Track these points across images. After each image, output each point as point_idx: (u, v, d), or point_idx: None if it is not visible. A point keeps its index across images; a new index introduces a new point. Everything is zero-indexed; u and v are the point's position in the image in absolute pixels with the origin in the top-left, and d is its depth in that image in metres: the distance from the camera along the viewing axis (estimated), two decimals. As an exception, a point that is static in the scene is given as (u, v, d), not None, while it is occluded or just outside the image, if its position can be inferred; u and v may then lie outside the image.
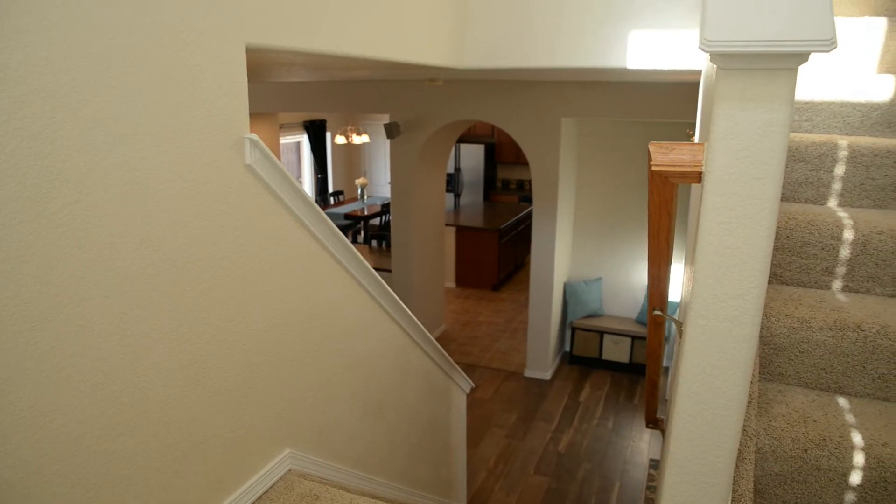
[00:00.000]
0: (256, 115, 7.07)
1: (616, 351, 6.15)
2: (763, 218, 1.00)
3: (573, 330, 6.27)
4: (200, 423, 1.59)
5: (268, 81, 5.69)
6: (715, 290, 1.05)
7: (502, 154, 11.18)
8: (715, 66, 0.99)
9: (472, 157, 10.90)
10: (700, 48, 0.93)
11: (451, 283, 8.59)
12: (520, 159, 10.85)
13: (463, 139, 10.94)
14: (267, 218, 1.75)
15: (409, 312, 2.65)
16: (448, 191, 10.86)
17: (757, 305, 1.04)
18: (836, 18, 2.25)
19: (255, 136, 1.64)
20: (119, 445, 1.36)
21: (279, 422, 1.91)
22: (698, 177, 1.05)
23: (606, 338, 6.16)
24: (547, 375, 6.02)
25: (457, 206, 10.70)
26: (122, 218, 1.29)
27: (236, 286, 1.65)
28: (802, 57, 0.93)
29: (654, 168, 1.04)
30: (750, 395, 1.42)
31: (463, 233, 8.44)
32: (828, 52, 0.88)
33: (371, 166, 12.61)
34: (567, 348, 6.57)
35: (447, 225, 8.33)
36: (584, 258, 6.34)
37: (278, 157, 9.49)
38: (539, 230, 5.61)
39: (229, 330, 1.64)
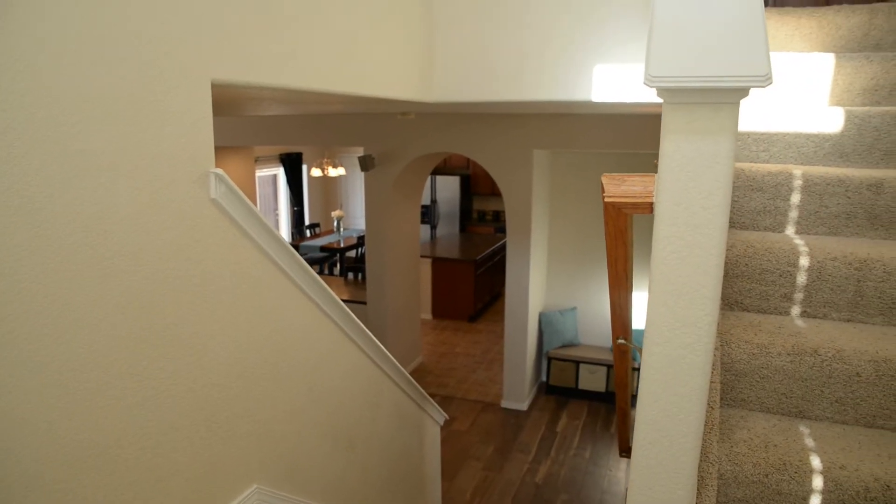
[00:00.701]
0: (232, 149, 7.10)
1: (592, 380, 6.16)
2: (712, 246, 1.03)
3: (549, 360, 6.27)
4: (162, 460, 1.56)
5: (243, 115, 5.71)
6: (668, 317, 1.07)
7: (478, 185, 11.28)
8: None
9: (448, 188, 10.98)
10: (644, 83, 0.96)
11: (427, 315, 8.57)
12: (495, 190, 10.94)
13: (438, 171, 11.03)
14: (232, 251, 1.75)
15: (380, 344, 2.64)
16: (424, 222, 10.92)
17: (710, 332, 1.06)
18: (789, 54, 2.33)
19: (220, 171, 1.65)
20: (77, 483, 1.33)
21: (245, 457, 1.88)
22: (650, 207, 1.08)
23: (582, 367, 6.17)
24: (524, 406, 6.00)
25: (433, 237, 10.73)
26: (82, 252, 1.28)
27: (201, 320, 1.64)
28: (742, 92, 0.97)
29: (606, 199, 1.07)
30: (712, 422, 1.44)
31: (439, 264, 8.46)
32: (763, 87, 0.91)
33: (348, 199, 12.63)
34: (544, 378, 6.56)
35: (423, 256, 8.35)
36: (559, 288, 6.38)
37: (254, 190, 9.51)
38: (513, 261, 5.64)
39: (193, 364, 1.63)
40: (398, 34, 2.56)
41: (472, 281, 8.32)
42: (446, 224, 11.10)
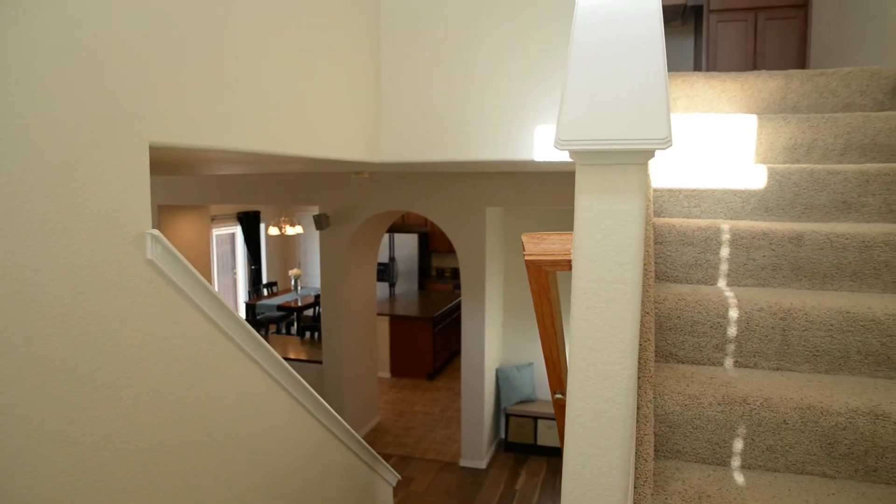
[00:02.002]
0: (186, 208, 7.05)
1: (551, 436, 6.13)
2: (627, 301, 1.07)
3: (507, 416, 6.23)
4: (88, 533, 1.50)
5: (198, 174, 5.71)
6: (589, 371, 1.09)
7: (436, 243, 11.36)
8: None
9: (406, 246, 11.03)
10: (554, 146, 1.01)
11: (385, 374, 8.48)
12: (453, 248, 11.02)
13: (397, 229, 11.10)
14: (169, 312, 1.73)
15: (328, 406, 2.60)
16: (382, 280, 10.90)
17: (629, 385, 1.09)
18: (717, 115, 2.46)
19: (156, 232, 1.65)
20: (-9, 562, 1.27)
21: (180, 527, 1.82)
22: (568, 264, 1.12)
23: (541, 423, 6.14)
24: (482, 464, 5.91)
25: (392, 295, 10.71)
26: (5, 314, 1.26)
27: (133, 382, 1.61)
28: (647, 153, 1.02)
29: (526, 258, 1.11)
30: (646, 474, 1.45)
31: (397, 322, 8.42)
32: (664, 149, 0.97)
33: (305, 257, 12.57)
34: (502, 435, 6.50)
35: (381, 314, 8.31)
36: (515, 343, 6.39)
37: (209, 249, 9.40)
38: (468, 317, 5.66)
39: (123, 428, 1.59)
40: (345, 97, 2.63)
41: (430, 338, 8.29)
42: (405, 281, 11.11)
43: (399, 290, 11.02)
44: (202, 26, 1.81)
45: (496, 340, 6.17)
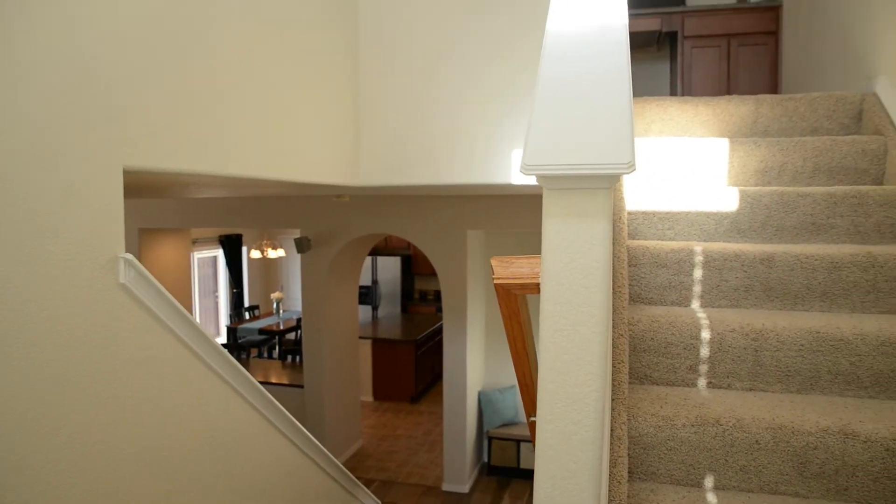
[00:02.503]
0: (167, 231, 7.00)
1: (534, 459, 6.08)
2: (594, 324, 1.08)
3: (490, 439, 6.20)
4: (55, 564, 1.47)
5: (179, 197, 5.69)
6: (557, 394, 1.10)
7: (419, 265, 11.35)
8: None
9: (389, 269, 11.01)
10: (521, 171, 1.03)
11: (368, 397, 8.41)
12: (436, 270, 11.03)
13: (379, 252, 11.09)
14: (142, 337, 1.72)
15: (305, 430, 2.58)
16: (365, 303, 10.86)
17: (597, 408, 1.09)
18: (691, 139, 2.50)
19: (129, 256, 1.64)
20: None
21: (152, 557, 1.79)
22: (537, 288, 1.13)
23: (523, 446, 6.11)
24: (465, 488, 5.86)
25: (374, 318, 10.67)
26: (-31, 344, 1.24)
27: (107, 407, 1.59)
28: (613, 178, 1.04)
29: (496, 281, 1.12)
30: (619, 497, 1.45)
31: (379, 345, 8.38)
32: (627, 173, 0.99)
33: (288, 280, 12.50)
34: (485, 458, 6.46)
35: (364, 338, 8.27)
36: (497, 366, 6.38)
37: (190, 273, 9.34)
38: (450, 340, 5.65)
39: (96, 454, 1.56)
40: (324, 121, 2.65)
41: (412, 361, 8.25)
42: (388, 305, 11.07)
43: (382, 314, 10.98)
44: (178, 50, 1.82)
45: (478, 363, 6.16)
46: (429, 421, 7.69)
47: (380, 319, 10.08)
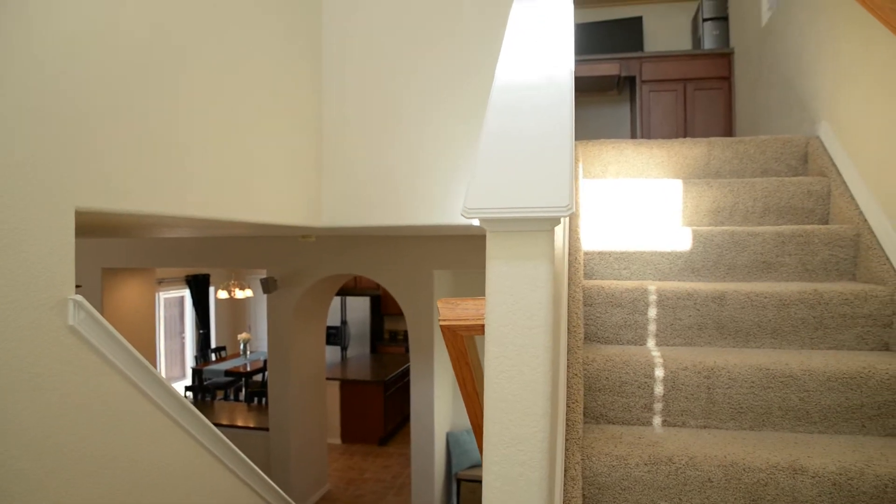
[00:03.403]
0: (131, 271, 6.89)
1: (503, 501, 6.01)
2: (538, 364, 1.09)
3: (458, 481, 6.11)
4: None
5: (142, 237, 5.62)
6: (503, 435, 1.10)
7: (388, 306, 11.31)
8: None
9: (358, 309, 10.94)
10: (462, 215, 1.05)
11: (336, 440, 8.26)
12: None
13: (349, 292, 11.03)
14: (92, 379, 1.69)
15: (263, 475, 2.53)
16: (334, 344, 10.75)
17: (543, 448, 1.10)
18: (647, 180, 2.56)
19: (79, 297, 1.62)
20: None
21: None
22: (482, 329, 1.14)
23: (493, 488, 6.02)
24: (434, 533, 5.75)
25: (343, 359, 10.54)
26: None
27: (53, 453, 1.54)
28: (553, 220, 1.07)
29: (441, 323, 1.13)
30: (573, 538, 1.45)
31: (348, 386, 8.27)
32: (565, 215, 1.02)
33: (255, 321, 12.34)
34: (454, 501, 6.35)
35: (332, 379, 8.16)
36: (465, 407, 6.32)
37: (153, 313, 9.17)
38: (417, 381, 5.61)
39: (41, 501, 1.51)
40: (286, 162, 2.66)
41: (381, 403, 8.15)
42: (357, 345, 10.97)
43: (351, 354, 10.87)
44: (136, 90, 1.83)
45: (446, 404, 6.11)
46: (398, 463, 7.57)
47: (349, 360, 9.97)
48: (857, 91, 2.41)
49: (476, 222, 2.63)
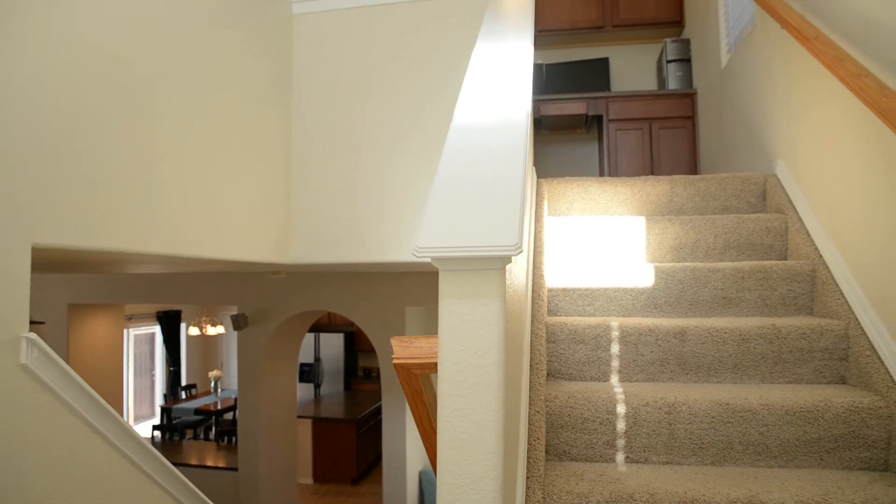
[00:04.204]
0: (100, 306, 6.77)
1: (477, 541, 5.91)
2: (490, 402, 1.10)
3: (432, 521, 6.01)
4: None
5: (110, 272, 5.54)
6: (456, 474, 1.10)
7: (362, 342, 11.21)
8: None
9: (332, 346, 10.83)
10: (413, 254, 1.06)
11: (308, 479, 8.09)
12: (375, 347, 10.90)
13: (322, 328, 10.93)
14: (46, 420, 1.65)
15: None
16: (307, 381, 10.60)
17: (496, 488, 1.10)
18: (611, 217, 2.59)
19: (33, 335, 1.60)
20: None
21: None
22: (436, 367, 1.14)
23: (467, 527, 5.93)
24: (406, 575, 5.63)
25: (316, 396, 10.40)
26: None
27: (3, 495, 1.50)
28: (504, 259, 1.08)
29: (395, 361, 1.13)
30: (533, 579, 1.43)
31: (320, 424, 8.14)
32: (514, 254, 1.04)
33: (227, 358, 12.16)
34: (428, 542, 6.24)
35: (304, 417, 8.03)
36: (439, 443, 6.26)
37: (123, 350, 9.00)
38: (389, 419, 5.55)
39: (-21, 557, 1.46)
40: (254, 198, 2.66)
41: (354, 441, 8.02)
42: (330, 382, 10.83)
43: (324, 392, 10.72)
44: (98, 125, 1.83)
45: (418, 442, 6.04)
46: (371, 503, 7.42)
47: (322, 397, 9.84)
48: (808, 132, 2.49)
49: (429, 261, 2.65)
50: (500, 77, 1.71)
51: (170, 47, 2.18)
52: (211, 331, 9.83)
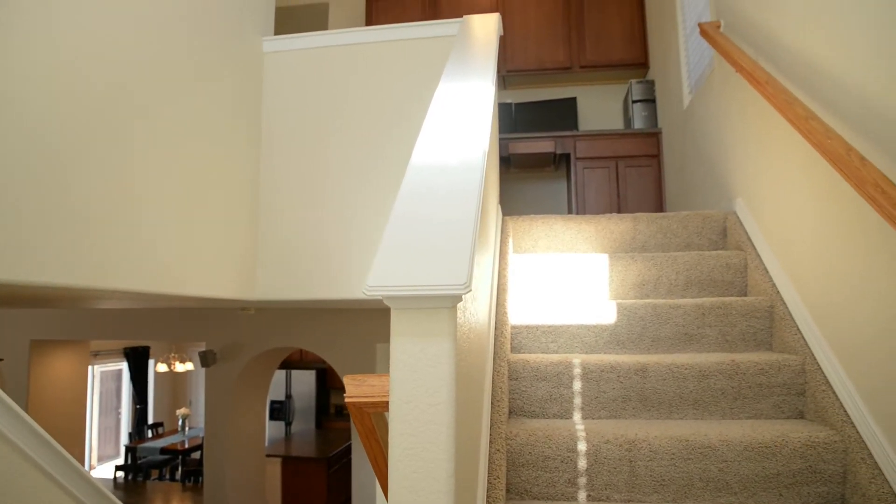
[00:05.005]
0: (64, 343, 6.62)
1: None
2: (442, 441, 1.09)
3: (403, 563, 5.88)
4: None
5: (74, 308, 5.44)
6: (407, 514, 1.09)
7: (334, 380, 11.07)
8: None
9: (304, 383, 10.69)
10: (364, 293, 1.07)
11: (277, 521, 7.90)
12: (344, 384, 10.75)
13: (294, 365, 10.79)
14: (-8, 467, 1.60)
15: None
16: (278, 419, 10.42)
17: (447, 527, 1.09)
18: (575, 255, 2.62)
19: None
20: None
21: None
22: (388, 406, 1.14)
23: (438, 568, 5.82)
24: None
25: (287, 434, 10.21)
26: None
27: (-67, 552, 1.45)
28: (454, 298, 1.09)
29: (347, 400, 1.12)
30: None
31: (290, 463, 7.97)
32: (463, 293, 1.05)
33: (196, 395, 11.91)
34: (399, 585, 6.09)
35: (273, 455, 7.87)
36: (411, 482, 6.17)
37: (86, 388, 8.76)
38: (359, 458, 5.46)
39: None
40: (220, 235, 2.65)
41: (324, 480, 7.86)
42: (301, 420, 10.65)
43: (295, 429, 10.53)
44: (51, 158, 1.82)
45: (390, 479, 5.94)
46: (341, 545, 7.26)
47: (293, 435, 9.66)
48: (764, 171, 2.57)
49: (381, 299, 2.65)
50: (460, 117, 1.74)
51: (137, 82, 2.18)
52: (180, 367, 9.67)
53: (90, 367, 9.57)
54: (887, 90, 1.67)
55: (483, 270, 1.91)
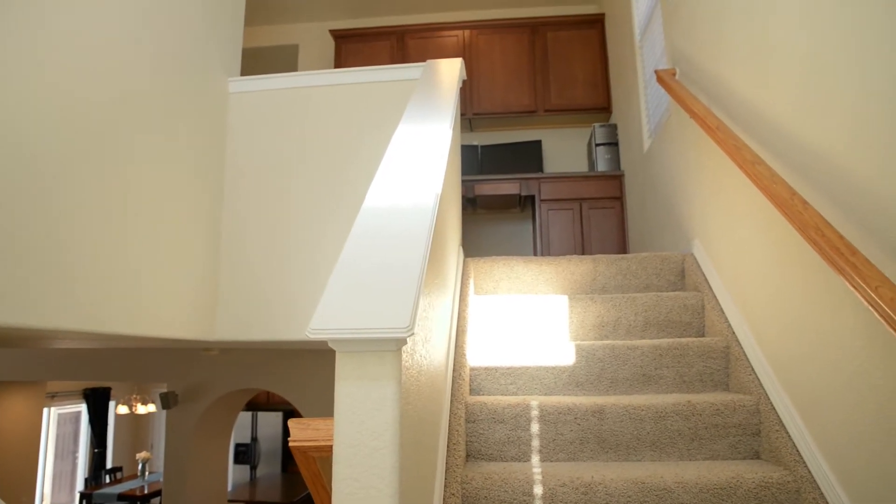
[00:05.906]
0: (19, 383, 6.41)
1: None
2: (385, 486, 1.08)
3: None
4: None
5: (29, 348, 5.29)
6: (348, 562, 1.07)
7: (303, 418, 10.87)
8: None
9: (270, 425, 10.46)
10: (307, 334, 1.06)
11: (238, 570, 7.63)
12: (320, 423, 10.56)
13: (260, 407, 10.57)
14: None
15: None
16: (243, 463, 10.16)
17: (390, 575, 1.07)
18: (535, 296, 2.64)
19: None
20: None
21: None
22: (332, 450, 1.13)
23: None
24: None
25: (252, 478, 9.95)
26: None
27: None
28: (398, 342, 1.09)
29: (291, 444, 1.11)
30: None
31: (251, 509, 7.76)
32: (406, 336, 1.05)
33: (158, 438, 11.56)
34: None
35: (236, 501, 7.65)
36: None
37: (41, 430, 8.46)
38: (324, 500, 5.33)
39: None
40: (179, 274, 2.62)
41: (289, 525, 7.65)
42: (267, 464, 10.39)
43: (261, 473, 10.27)
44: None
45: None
46: None
47: (258, 480, 9.42)
48: (718, 213, 2.63)
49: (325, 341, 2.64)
50: (416, 160, 1.76)
51: (99, 118, 2.17)
52: (141, 409, 9.41)
53: (46, 410, 9.26)
54: (823, 134, 1.74)
55: (440, 312, 1.91)
